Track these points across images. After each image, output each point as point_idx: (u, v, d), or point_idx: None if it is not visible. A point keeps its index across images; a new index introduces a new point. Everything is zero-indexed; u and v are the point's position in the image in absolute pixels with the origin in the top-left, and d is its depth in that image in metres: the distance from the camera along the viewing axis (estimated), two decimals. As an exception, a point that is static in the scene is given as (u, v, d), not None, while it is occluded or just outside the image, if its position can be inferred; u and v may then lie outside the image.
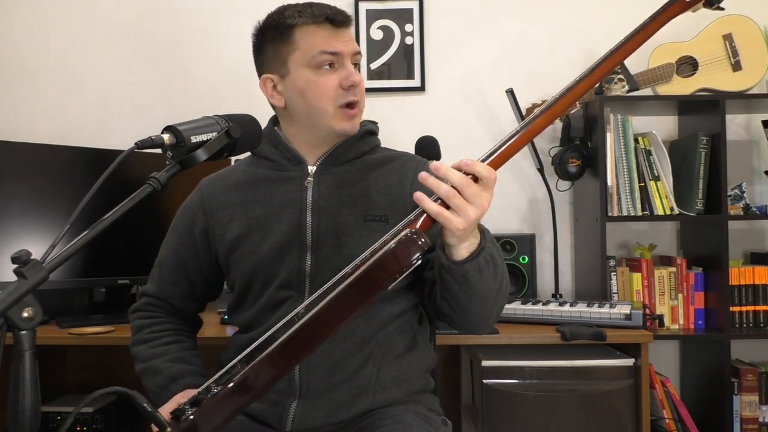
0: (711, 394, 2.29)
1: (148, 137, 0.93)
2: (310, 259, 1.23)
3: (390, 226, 1.23)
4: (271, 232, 1.25)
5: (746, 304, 2.28)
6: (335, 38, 1.23)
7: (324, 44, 1.22)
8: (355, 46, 1.25)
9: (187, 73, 2.60)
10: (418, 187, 1.25)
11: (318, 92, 1.23)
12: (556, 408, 1.85)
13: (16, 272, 0.78)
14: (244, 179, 1.32)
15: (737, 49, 2.33)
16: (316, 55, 1.22)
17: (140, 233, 2.18)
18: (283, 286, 1.24)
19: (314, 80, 1.23)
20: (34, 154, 2.12)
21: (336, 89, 1.23)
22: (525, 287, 2.27)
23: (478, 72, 2.57)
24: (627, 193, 2.25)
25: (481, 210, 0.97)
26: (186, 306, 1.39)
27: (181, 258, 1.35)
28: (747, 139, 2.56)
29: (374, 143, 1.36)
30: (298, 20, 1.22)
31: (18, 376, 0.78)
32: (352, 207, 1.25)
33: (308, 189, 1.27)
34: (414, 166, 1.31)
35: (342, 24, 1.24)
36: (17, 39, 2.61)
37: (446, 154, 2.18)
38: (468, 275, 1.05)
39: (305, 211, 1.25)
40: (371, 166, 1.31)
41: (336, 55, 1.22)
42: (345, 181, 1.28)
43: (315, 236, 1.24)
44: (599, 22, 2.55)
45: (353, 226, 1.24)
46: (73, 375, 2.39)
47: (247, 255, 1.26)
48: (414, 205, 1.23)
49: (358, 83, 1.24)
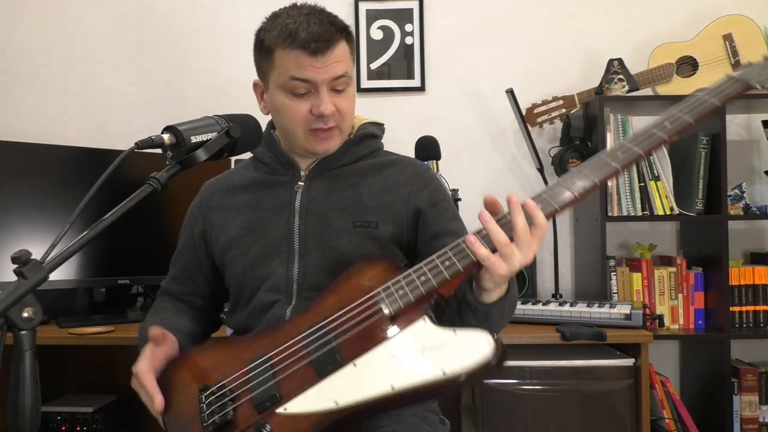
0: (711, 394, 2.29)
1: (148, 137, 0.93)
2: (297, 263, 1.23)
3: (379, 231, 1.23)
4: (262, 235, 1.26)
5: (746, 304, 2.28)
6: (311, 64, 1.17)
7: (296, 70, 1.18)
8: (335, 71, 1.19)
9: (187, 73, 2.60)
10: (418, 196, 1.27)
11: (288, 116, 1.22)
12: (556, 408, 1.85)
13: (16, 272, 0.78)
14: (241, 183, 1.33)
15: (737, 49, 2.34)
16: (288, 80, 1.19)
17: (140, 233, 2.18)
18: (270, 290, 1.23)
19: (286, 104, 1.21)
20: (34, 154, 2.12)
21: (306, 116, 1.21)
22: (525, 287, 2.27)
23: (478, 72, 2.57)
24: (627, 193, 2.25)
25: (526, 260, 0.97)
26: (196, 303, 1.40)
27: (184, 259, 1.38)
28: (747, 139, 2.56)
29: (374, 147, 1.34)
30: (275, 42, 1.19)
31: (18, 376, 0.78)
32: (341, 212, 1.25)
33: (297, 193, 1.27)
34: (414, 172, 1.30)
35: (319, 51, 1.16)
36: (17, 39, 2.61)
37: (446, 154, 2.19)
38: (491, 315, 1.05)
39: (293, 216, 1.25)
40: (366, 171, 1.30)
41: (308, 82, 1.18)
42: (337, 186, 1.28)
43: (302, 240, 1.24)
44: (599, 22, 2.55)
45: (341, 232, 1.23)
46: (73, 375, 2.39)
47: (238, 257, 1.27)
48: (406, 215, 1.25)
49: (329, 114, 1.20)
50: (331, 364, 0.99)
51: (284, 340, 1.04)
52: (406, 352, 0.97)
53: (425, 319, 0.99)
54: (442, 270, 0.98)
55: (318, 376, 0.99)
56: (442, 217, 1.26)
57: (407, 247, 1.26)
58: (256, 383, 1.02)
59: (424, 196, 1.27)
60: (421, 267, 1.00)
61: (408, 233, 1.25)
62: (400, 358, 0.97)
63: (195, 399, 1.06)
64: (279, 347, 1.04)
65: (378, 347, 0.98)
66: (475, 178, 2.55)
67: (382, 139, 1.38)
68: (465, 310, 1.07)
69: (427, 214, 1.26)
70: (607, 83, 2.32)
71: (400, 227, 1.25)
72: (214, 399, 1.03)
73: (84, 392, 2.29)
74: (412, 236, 1.26)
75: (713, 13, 2.43)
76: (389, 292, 1.01)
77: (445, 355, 0.94)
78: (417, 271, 1.00)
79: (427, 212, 1.26)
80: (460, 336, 0.96)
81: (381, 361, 0.98)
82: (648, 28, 2.53)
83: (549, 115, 2.41)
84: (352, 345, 0.99)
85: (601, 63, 2.41)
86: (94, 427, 2.09)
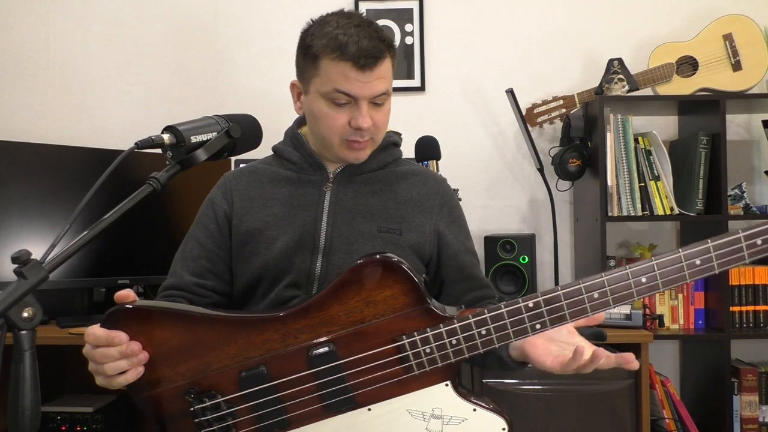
0: (711, 394, 2.29)
1: (148, 137, 0.93)
2: (321, 261, 1.24)
3: (403, 239, 1.24)
4: (286, 231, 1.26)
5: (746, 304, 2.28)
6: (357, 79, 1.17)
7: (341, 83, 1.17)
8: (378, 88, 1.19)
9: (187, 73, 2.59)
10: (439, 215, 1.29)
11: (326, 124, 1.22)
12: (556, 408, 1.85)
13: (16, 272, 0.78)
14: (266, 177, 1.33)
15: (737, 49, 2.33)
16: (331, 91, 1.18)
17: (140, 233, 2.18)
18: (291, 285, 1.24)
19: (325, 112, 1.21)
20: (34, 154, 2.12)
21: (344, 126, 1.21)
22: (525, 287, 2.27)
23: (478, 72, 2.57)
24: (627, 193, 2.25)
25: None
26: (209, 298, 1.30)
27: (206, 249, 1.30)
28: (747, 139, 2.56)
29: (397, 155, 1.37)
30: (323, 51, 1.18)
31: (18, 376, 0.78)
32: (367, 216, 1.26)
33: (327, 193, 1.28)
34: (436, 188, 1.32)
35: (367, 66, 1.16)
36: (17, 39, 2.61)
37: (446, 154, 2.19)
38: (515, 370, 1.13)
39: (321, 214, 1.26)
40: (392, 179, 1.32)
41: (350, 96, 1.18)
42: (364, 190, 1.29)
43: (328, 240, 1.25)
44: (599, 22, 2.55)
45: (366, 235, 1.24)
46: (73, 375, 2.39)
47: (260, 250, 1.26)
48: (428, 228, 1.28)
49: (367, 128, 1.20)
50: (346, 405, 1.01)
51: (280, 346, 1.01)
52: (423, 412, 1.00)
53: (448, 384, 1.01)
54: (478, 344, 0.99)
55: (328, 411, 1.01)
56: (461, 234, 1.30)
57: (428, 259, 1.28)
58: (261, 404, 1.01)
59: (444, 213, 1.30)
60: (455, 328, 0.99)
61: (429, 246, 1.28)
62: (416, 417, 1.00)
63: (178, 393, 1.02)
64: (274, 355, 1.01)
65: (396, 398, 1.00)
66: (475, 178, 2.55)
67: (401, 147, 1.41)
68: (492, 360, 1.10)
69: (447, 233, 1.29)
70: (607, 83, 2.32)
71: (423, 238, 1.27)
72: (209, 409, 1.02)
73: (84, 392, 2.29)
74: (433, 249, 1.29)
75: (713, 13, 2.43)
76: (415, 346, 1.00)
77: (460, 430, 0.99)
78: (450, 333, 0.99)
79: (446, 231, 1.29)
80: (479, 415, 1.00)
81: (397, 413, 1.00)
82: (648, 28, 2.53)
83: (549, 115, 2.41)
84: (369, 390, 1.00)
85: (601, 63, 2.41)
86: (94, 427, 2.09)
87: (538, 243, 2.44)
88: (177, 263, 1.32)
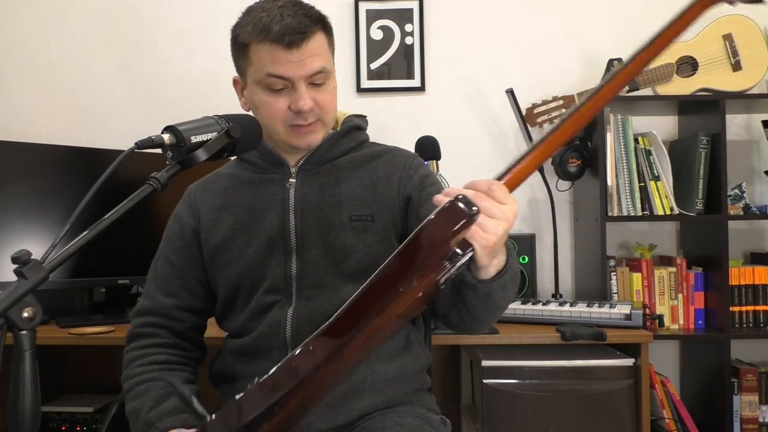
0: (711, 394, 2.29)
1: (148, 137, 0.93)
2: (295, 262, 1.21)
3: (376, 225, 1.21)
4: (256, 236, 1.23)
5: (746, 304, 2.28)
6: (287, 59, 1.13)
7: (272, 66, 1.14)
8: (312, 66, 1.15)
9: (186, 73, 2.59)
10: (408, 183, 1.23)
11: (267, 112, 1.19)
12: (556, 408, 1.85)
13: (16, 272, 0.78)
14: (229, 183, 1.30)
15: (737, 49, 2.33)
16: (264, 77, 1.15)
17: (140, 233, 2.18)
18: (269, 291, 1.21)
19: (264, 100, 1.18)
20: (34, 154, 2.12)
21: (285, 112, 1.18)
22: (525, 287, 2.27)
23: (478, 72, 2.57)
24: (627, 193, 2.25)
25: (507, 223, 0.92)
26: (185, 321, 1.29)
27: (176, 267, 1.29)
28: (747, 139, 2.56)
29: (361, 138, 1.32)
30: (249, 37, 1.16)
31: (18, 376, 0.78)
32: (336, 207, 1.23)
33: (290, 191, 1.25)
34: (403, 161, 1.28)
35: (294, 44, 1.12)
36: (17, 39, 2.61)
37: (446, 154, 2.19)
38: (492, 293, 1.00)
39: (288, 213, 1.23)
40: (356, 164, 1.27)
41: (284, 79, 1.15)
42: (328, 181, 1.25)
43: (299, 238, 1.22)
44: (599, 22, 2.55)
45: (338, 227, 1.21)
46: (73, 375, 2.39)
47: (233, 260, 1.24)
48: (398, 203, 1.21)
49: (308, 110, 1.17)
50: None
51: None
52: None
53: None
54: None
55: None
56: (433, 191, 1.21)
57: (402, 237, 1.22)
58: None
59: (413, 182, 1.25)
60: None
61: (402, 222, 1.24)
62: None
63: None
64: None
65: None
66: (475, 178, 2.54)
67: (366, 130, 1.36)
68: (465, 291, 1.02)
69: (415, 198, 1.24)
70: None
71: (395, 217, 1.23)
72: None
73: (84, 392, 2.29)
74: (404, 225, 1.24)
75: (713, 13, 2.42)
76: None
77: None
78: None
79: (415, 196, 1.24)
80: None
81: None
82: (648, 28, 2.49)
83: (549, 115, 2.41)
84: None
85: (601, 63, 2.41)
86: (94, 427, 2.09)
87: (538, 243, 2.44)
88: (150, 284, 1.30)
